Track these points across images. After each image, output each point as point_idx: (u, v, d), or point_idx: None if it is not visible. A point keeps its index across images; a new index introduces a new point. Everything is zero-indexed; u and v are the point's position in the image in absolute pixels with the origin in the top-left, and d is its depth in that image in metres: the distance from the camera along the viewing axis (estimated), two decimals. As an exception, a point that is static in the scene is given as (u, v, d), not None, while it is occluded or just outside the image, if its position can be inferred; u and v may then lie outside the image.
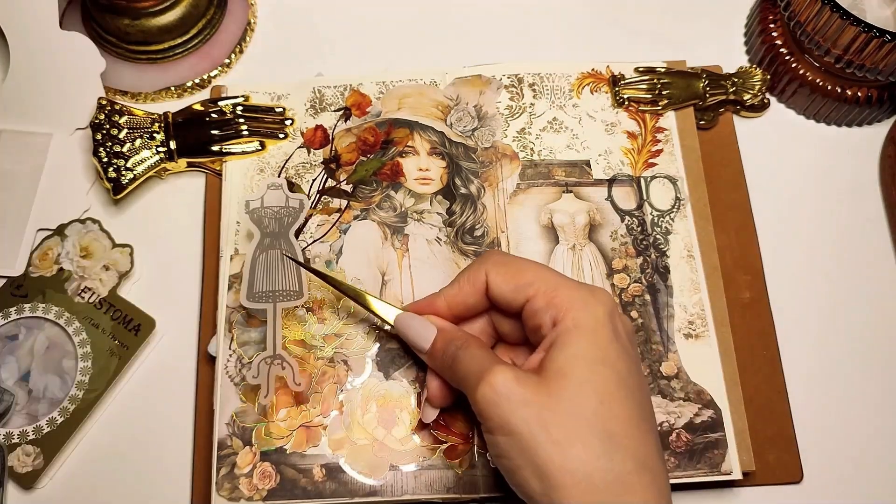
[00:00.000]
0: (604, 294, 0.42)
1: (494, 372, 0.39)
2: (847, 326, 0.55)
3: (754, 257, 0.55)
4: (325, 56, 0.63)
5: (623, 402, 0.38)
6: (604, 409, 0.38)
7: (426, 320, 0.46)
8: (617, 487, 0.36)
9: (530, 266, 0.44)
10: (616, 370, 0.39)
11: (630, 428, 0.38)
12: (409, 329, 0.46)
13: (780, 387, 0.52)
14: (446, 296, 0.46)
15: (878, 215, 0.58)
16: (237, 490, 0.47)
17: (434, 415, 0.47)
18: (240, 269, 0.51)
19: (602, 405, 0.38)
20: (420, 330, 0.45)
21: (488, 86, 0.58)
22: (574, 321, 0.40)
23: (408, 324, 0.46)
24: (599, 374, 0.39)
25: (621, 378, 0.39)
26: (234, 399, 0.49)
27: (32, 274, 0.53)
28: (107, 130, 0.55)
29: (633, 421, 0.38)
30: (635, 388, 0.39)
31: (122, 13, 0.58)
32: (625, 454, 0.37)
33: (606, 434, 0.37)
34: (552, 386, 0.38)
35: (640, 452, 0.38)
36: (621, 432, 0.38)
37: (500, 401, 0.38)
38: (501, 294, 0.43)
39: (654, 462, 0.38)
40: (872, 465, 0.51)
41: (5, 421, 0.50)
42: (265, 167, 0.55)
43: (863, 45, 0.53)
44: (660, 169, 0.56)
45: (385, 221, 0.54)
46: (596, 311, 0.40)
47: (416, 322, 0.46)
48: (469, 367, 0.41)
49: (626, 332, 0.41)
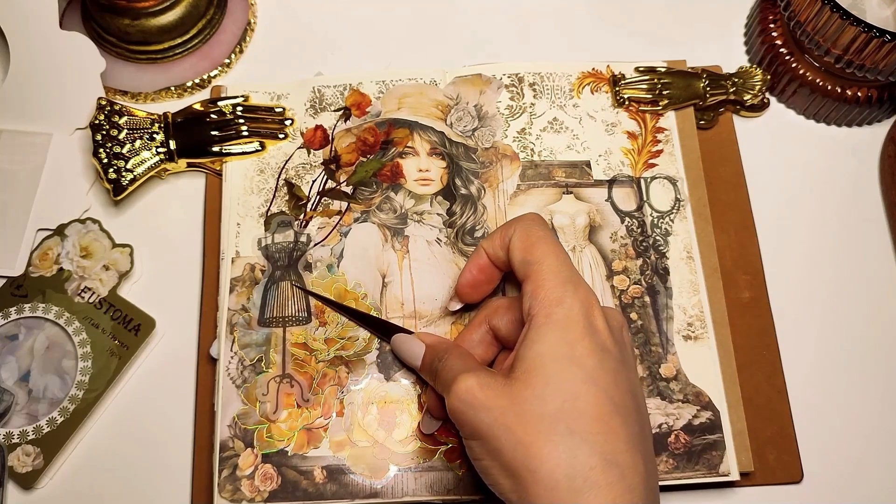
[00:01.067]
0: (585, 291, 0.41)
1: (459, 381, 0.40)
2: (847, 326, 0.55)
3: (754, 257, 0.55)
4: (325, 56, 0.62)
5: (588, 400, 0.38)
6: (567, 406, 0.38)
7: (415, 338, 0.48)
8: (580, 484, 0.37)
9: (545, 244, 0.44)
10: (583, 367, 0.39)
11: (596, 424, 0.38)
12: (401, 351, 0.49)
13: (780, 387, 0.52)
14: (484, 247, 0.47)
15: (878, 215, 0.58)
16: (239, 492, 0.47)
17: (435, 426, 0.48)
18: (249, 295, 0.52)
19: (566, 403, 0.38)
20: (411, 349, 0.48)
21: (488, 85, 0.58)
22: (546, 316, 0.40)
23: (400, 346, 0.49)
24: (565, 372, 0.39)
25: (589, 375, 0.39)
26: (235, 401, 0.49)
27: (32, 274, 0.53)
28: (107, 131, 0.55)
29: (602, 417, 0.38)
30: (607, 384, 0.39)
31: (122, 13, 0.58)
32: (589, 451, 0.37)
33: (568, 432, 0.37)
34: (517, 387, 0.39)
35: (607, 449, 0.37)
36: (585, 429, 0.38)
37: (464, 408, 0.40)
38: (512, 258, 0.44)
39: (624, 458, 0.38)
40: (872, 465, 0.51)
41: (5, 421, 0.50)
42: (265, 167, 0.55)
43: (863, 45, 0.53)
44: (660, 169, 0.56)
45: (385, 223, 0.54)
46: (571, 306, 0.40)
47: (406, 341, 0.48)
48: (445, 377, 0.43)
49: (607, 328, 0.41)
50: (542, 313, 0.40)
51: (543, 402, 0.38)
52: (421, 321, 0.51)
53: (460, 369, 0.41)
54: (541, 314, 0.40)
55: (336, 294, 0.51)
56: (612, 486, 0.37)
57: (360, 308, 0.51)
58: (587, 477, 0.37)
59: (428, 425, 0.48)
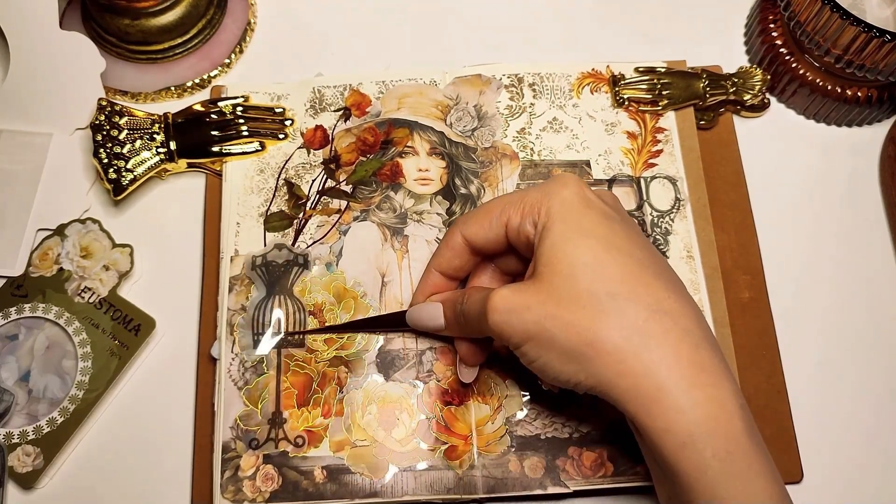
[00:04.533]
0: (568, 177, 0.43)
1: (492, 298, 0.41)
2: (847, 326, 0.55)
3: (754, 257, 0.55)
4: (325, 56, 0.62)
5: (613, 262, 0.39)
6: (598, 275, 0.39)
7: (428, 302, 0.48)
8: (637, 339, 0.38)
9: (492, 200, 0.45)
10: (597, 236, 0.40)
11: (629, 281, 0.39)
12: (420, 319, 0.48)
13: (780, 387, 0.52)
14: (435, 266, 0.48)
15: (878, 215, 0.58)
16: (241, 492, 0.47)
17: (473, 374, 0.49)
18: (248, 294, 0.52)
19: (595, 273, 0.39)
20: (429, 313, 0.47)
21: (488, 86, 0.58)
22: (547, 213, 0.41)
23: (417, 315, 0.48)
24: (582, 246, 0.40)
25: (606, 241, 0.40)
26: (237, 402, 0.49)
27: (32, 274, 0.53)
28: (107, 131, 0.55)
29: (632, 274, 0.39)
30: (623, 244, 0.40)
31: (122, 13, 0.58)
32: (634, 306, 0.38)
33: (608, 296, 0.39)
34: (545, 280, 0.40)
35: (649, 300, 0.39)
36: (621, 290, 0.39)
37: (506, 317, 0.40)
38: (484, 237, 0.45)
39: (670, 304, 0.39)
40: (872, 465, 0.51)
41: (5, 421, 0.50)
42: (265, 168, 0.55)
43: (863, 45, 0.53)
44: (660, 169, 0.56)
45: (385, 223, 0.54)
46: (562, 193, 0.42)
47: (421, 309, 0.48)
48: (475, 308, 0.43)
49: (604, 201, 0.42)
50: (541, 213, 0.42)
51: (575, 281, 0.39)
52: (421, 321, 0.51)
53: (486, 292, 0.42)
54: (541, 214, 0.42)
55: (335, 292, 0.51)
56: (669, 333, 0.38)
57: (359, 308, 0.51)
58: (642, 330, 0.38)
59: (467, 374, 0.49)
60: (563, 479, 0.48)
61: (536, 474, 0.48)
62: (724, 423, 0.37)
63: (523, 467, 0.48)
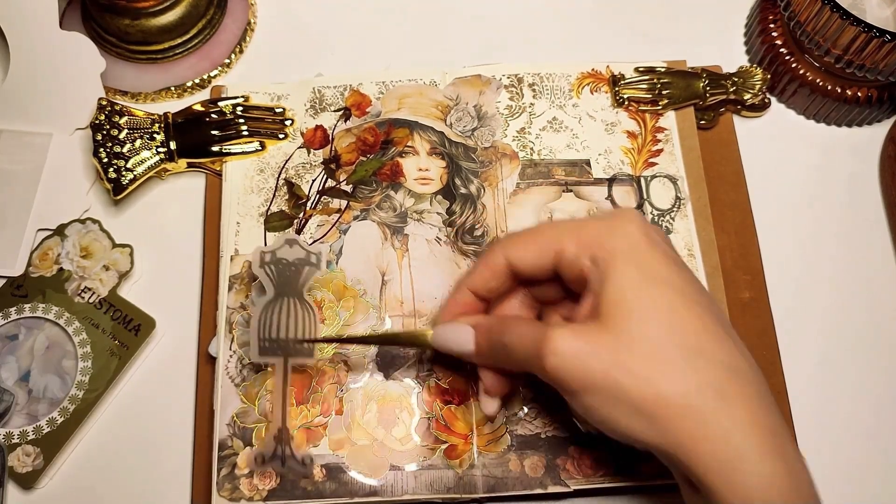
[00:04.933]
0: (629, 212, 0.40)
1: (551, 338, 0.37)
2: (847, 326, 0.55)
3: (754, 257, 0.55)
4: (325, 56, 0.63)
5: (691, 313, 0.37)
6: (674, 327, 0.37)
7: (458, 324, 0.44)
8: (714, 401, 0.35)
9: (544, 225, 0.43)
10: (671, 284, 0.38)
11: (703, 335, 0.37)
12: (446, 342, 0.44)
13: (780, 387, 0.52)
14: (468, 285, 0.45)
15: (878, 215, 0.58)
16: (238, 490, 0.47)
17: (497, 405, 0.46)
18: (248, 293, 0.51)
19: (671, 324, 0.37)
20: (458, 336, 0.43)
21: (488, 86, 0.58)
22: (610, 251, 0.38)
23: (444, 337, 0.44)
24: (656, 293, 0.37)
25: (678, 289, 0.38)
26: (234, 400, 0.49)
27: (32, 274, 0.53)
28: (107, 131, 0.55)
29: (706, 327, 0.37)
30: (693, 292, 0.38)
31: (122, 13, 0.58)
32: (708, 363, 0.36)
33: (686, 350, 0.36)
34: (613, 324, 0.37)
35: (723, 357, 0.37)
36: (696, 343, 0.36)
37: (569, 363, 0.37)
38: (531, 263, 0.42)
39: (740, 363, 0.37)
40: (873, 465, 0.51)
41: (5, 421, 0.50)
42: (265, 167, 0.55)
43: (863, 45, 0.53)
44: (660, 168, 0.56)
45: (385, 222, 0.54)
46: (627, 230, 0.39)
47: (450, 330, 0.44)
48: (523, 346, 0.39)
49: (665, 242, 0.40)
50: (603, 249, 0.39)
51: (647, 329, 0.37)
52: (420, 319, 0.51)
53: (542, 328, 0.39)
54: (603, 250, 0.39)
55: (335, 290, 0.51)
56: (743, 394, 0.36)
57: (358, 306, 0.51)
58: (717, 389, 0.36)
59: (490, 406, 0.46)
60: (563, 478, 0.48)
61: (537, 473, 0.48)
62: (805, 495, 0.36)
63: (523, 466, 0.48)
